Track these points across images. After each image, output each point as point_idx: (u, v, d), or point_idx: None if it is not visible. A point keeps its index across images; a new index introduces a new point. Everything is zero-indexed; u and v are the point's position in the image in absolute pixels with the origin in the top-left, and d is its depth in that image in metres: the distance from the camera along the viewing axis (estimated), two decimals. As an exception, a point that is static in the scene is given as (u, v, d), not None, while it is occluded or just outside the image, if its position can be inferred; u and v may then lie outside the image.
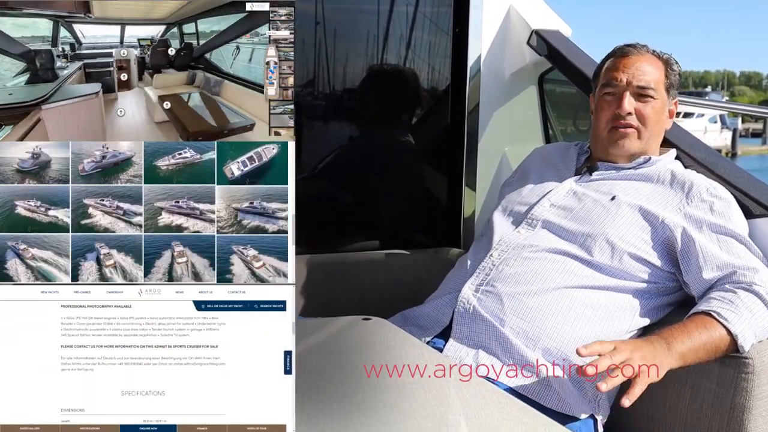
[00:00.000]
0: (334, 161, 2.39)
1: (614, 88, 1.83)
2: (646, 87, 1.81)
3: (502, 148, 2.50)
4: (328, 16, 2.28)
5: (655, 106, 1.82)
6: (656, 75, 1.83)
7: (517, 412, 1.20)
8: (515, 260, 1.71)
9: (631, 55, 1.85)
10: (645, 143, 1.84)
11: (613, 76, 1.83)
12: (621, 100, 1.81)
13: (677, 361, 1.43)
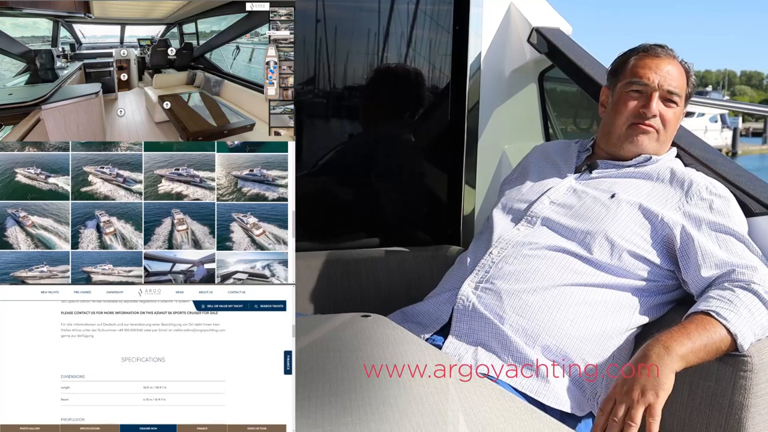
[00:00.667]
0: (334, 159, 2.39)
1: (644, 87, 1.82)
2: (674, 92, 1.82)
3: (502, 146, 2.51)
4: (328, 14, 2.28)
5: (676, 113, 1.84)
6: (681, 81, 1.85)
7: (516, 410, 1.21)
8: (515, 257, 1.72)
9: (662, 57, 1.85)
10: (660, 146, 1.85)
11: (644, 75, 1.82)
12: (649, 100, 1.81)
13: (679, 363, 1.42)
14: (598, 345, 1.63)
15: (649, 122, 1.81)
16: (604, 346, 1.63)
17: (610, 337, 1.64)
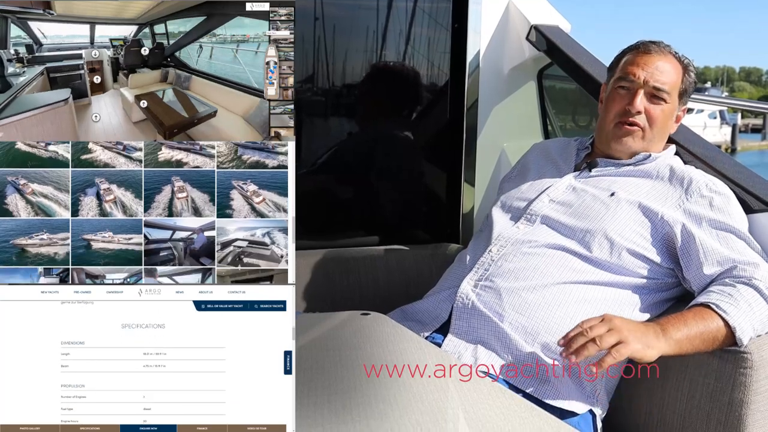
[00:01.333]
0: (333, 157, 2.39)
1: (629, 83, 1.82)
2: (661, 89, 1.80)
3: (501, 144, 2.51)
4: (327, 13, 2.28)
5: (665, 110, 1.82)
6: (673, 77, 1.82)
7: (515, 407, 1.21)
8: (514, 255, 1.72)
9: (653, 53, 1.83)
10: (647, 144, 1.84)
11: (631, 71, 1.82)
12: (634, 97, 1.80)
13: (672, 347, 1.44)
14: (597, 343, 1.63)
15: (633, 119, 1.80)
16: (604, 344, 1.63)
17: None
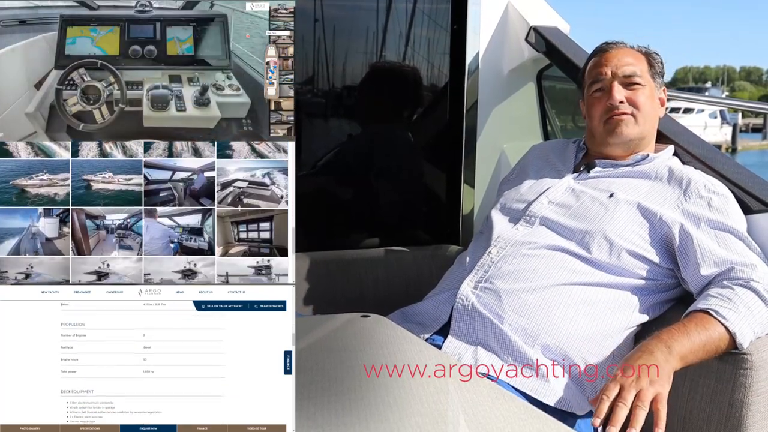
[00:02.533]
0: (333, 158, 2.39)
1: (601, 83, 1.86)
2: (632, 75, 1.85)
3: (500, 145, 2.51)
4: (327, 13, 2.28)
5: (645, 92, 1.85)
6: (639, 65, 1.87)
7: (515, 409, 1.21)
8: (514, 257, 1.72)
9: (611, 50, 1.90)
10: (642, 128, 1.85)
11: (599, 72, 1.87)
12: (611, 91, 1.83)
13: (679, 363, 1.42)
14: (597, 344, 1.63)
15: (619, 110, 1.83)
16: (604, 345, 1.63)
17: (609, 335, 1.64)
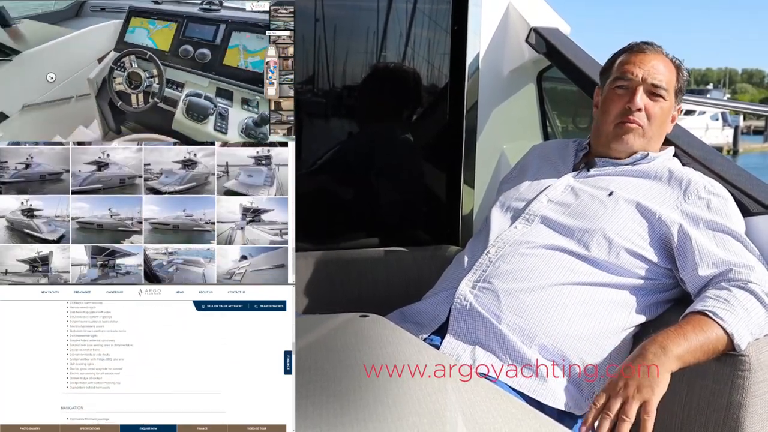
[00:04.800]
0: (332, 158, 2.39)
1: (628, 82, 1.83)
2: (659, 86, 1.82)
3: (500, 146, 2.51)
4: (327, 13, 2.28)
5: (663, 107, 1.84)
6: (669, 76, 1.85)
7: (513, 409, 1.21)
8: (512, 256, 1.72)
9: (648, 53, 1.86)
10: (647, 142, 1.84)
11: (628, 70, 1.83)
12: (633, 95, 1.81)
13: (675, 364, 1.42)
14: (595, 344, 1.63)
15: (634, 117, 1.81)
16: (602, 346, 1.64)
17: (607, 336, 1.64)
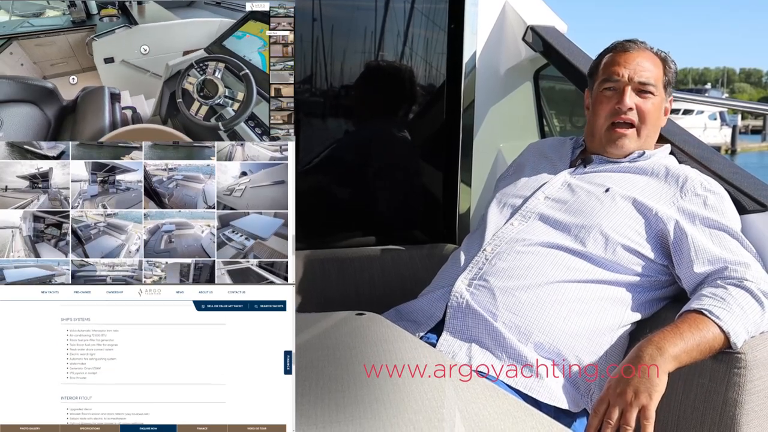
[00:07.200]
0: (329, 157, 2.39)
1: (615, 83, 1.83)
2: (647, 83, 1.82)
3: (497, 144, 2.51)
4: (325, 13, 2.29)
5: (654, 103, 1.84)
6: (656, 71, 1.85)
7: (509, 407, 1.21)
8: (508, 254, 1.72)
9: (632, 51, 1.86)
10: (643, 142, 1.85)
11: (615, 71, 1.84)
12: (622, 95, 1.81)
13: (672, 364, 1.42)
14: (590, 342, 1.63)
15: (626, 117, 1.82)
16: (597, 343, 1.64)
17: (602, 333, 1.65)
